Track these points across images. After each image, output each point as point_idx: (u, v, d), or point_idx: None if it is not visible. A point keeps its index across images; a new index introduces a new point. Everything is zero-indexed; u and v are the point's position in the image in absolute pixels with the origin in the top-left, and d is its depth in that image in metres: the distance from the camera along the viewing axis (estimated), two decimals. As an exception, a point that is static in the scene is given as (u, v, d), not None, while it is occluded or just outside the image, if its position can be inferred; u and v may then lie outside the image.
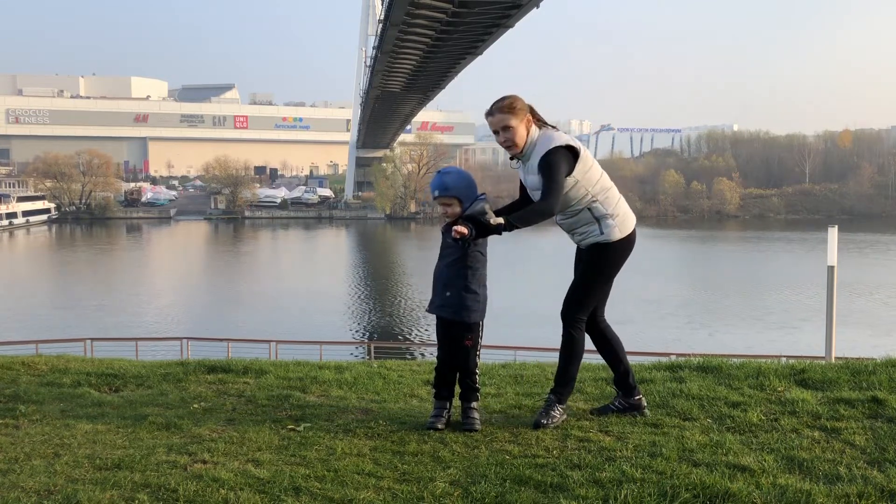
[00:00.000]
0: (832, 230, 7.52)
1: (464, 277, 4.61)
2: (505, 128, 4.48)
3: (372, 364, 6.67)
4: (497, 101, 4.54)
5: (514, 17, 46.03)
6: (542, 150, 4.42)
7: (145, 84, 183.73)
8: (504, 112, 4.47)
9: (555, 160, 4.38)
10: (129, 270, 63.13)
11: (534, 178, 4.49)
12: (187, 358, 12.69)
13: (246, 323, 37.58)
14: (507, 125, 4.47)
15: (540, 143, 4.47)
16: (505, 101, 4.51)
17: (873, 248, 75.65)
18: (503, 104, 4.50)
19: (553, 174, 4.36)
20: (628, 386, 4.76)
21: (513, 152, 4.57)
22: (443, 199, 4.58)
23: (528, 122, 4.51)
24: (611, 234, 4.59)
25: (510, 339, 27.83)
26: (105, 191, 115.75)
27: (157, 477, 3.70)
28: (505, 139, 4.51)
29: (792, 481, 3.47)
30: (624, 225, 4.64)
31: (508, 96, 4.54)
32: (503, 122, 4.47)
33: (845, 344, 20.25)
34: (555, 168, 4.37)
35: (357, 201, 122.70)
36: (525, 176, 4.61)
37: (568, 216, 4.63)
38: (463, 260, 4.60)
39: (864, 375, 5.31)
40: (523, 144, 4.51)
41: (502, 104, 4.50)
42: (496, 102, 4.53)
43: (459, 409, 4.69)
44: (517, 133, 4.48)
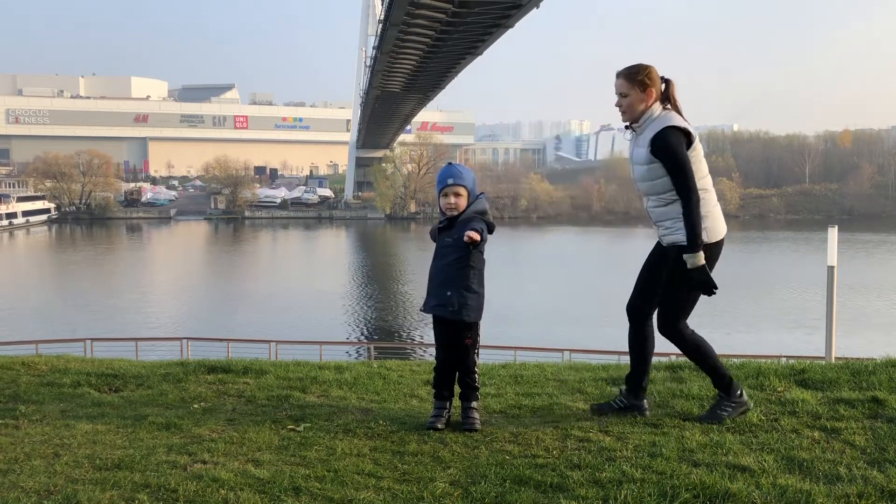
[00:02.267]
0: (832, 230, 7.52)
1: (466, 277, 4.60)
2: (622, 94, 4.50)
3: (372, 364, 6.67)
4: (630, 66, 4.55)
5: (514, 17, 45.99)
6: (656, 126, 4.40)
7: (145, 84, 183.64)
8: (625, 78, 4.49)
9: (672, 141, 4.35)
10: (129, 270, 63.12)
11: (641, 151, 4.46)
12: (187, 358, 12.69)
13: (246, 323, 37.56)
14: (623, 92, 4.49)
15: (658, 120, 4.44)
16: (631, 69, 4.52)
17: (873, 249, 75.65)
18: (628, 70, 4.52)
19: (677, 160, 4.34)
20: (639, 388, 4.72)
21: (623, 119, 4.57)
22: (456, 186, 4.59)
23: (651, 95, 4.47)
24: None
25: (510, 339, 27.83)
26: (105, 191, 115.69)
27: (157, 477, 3.70)
28: (619, 104, 4.53)
29: (792, 481, 3.47)
30: (712, 231, 4.51)
31: (639, 65, 4.53)
32: (620, 87, 4.51)
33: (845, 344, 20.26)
34: (675, 152, 4.35)
35: (357, 201, 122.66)
36: (634, 149, 4.57)
37: (659, 203, 4.53)
38: (465, 259, 4.58)
39: (864, 375, 5.31)
40: (637, 116, 4.50)
41: (627, 70, 4.52)
42: (627, 67, 4.55)
43: (459, 409, 4.68)
44: (632, 102, 4.48)
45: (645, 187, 4.56)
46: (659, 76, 4.51)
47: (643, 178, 4.54)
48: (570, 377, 5.78)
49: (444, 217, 4.69)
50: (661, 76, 4.52)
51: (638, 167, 4.53)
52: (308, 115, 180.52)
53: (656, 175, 4.46)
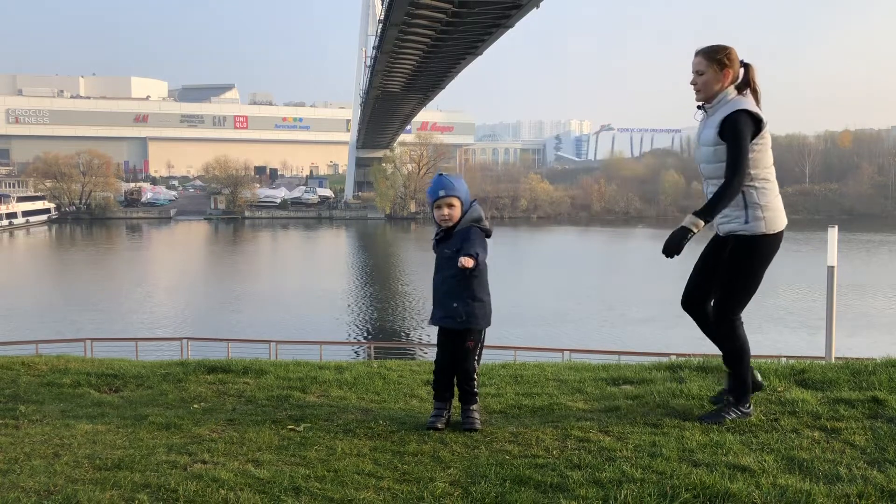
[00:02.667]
0: (832, 230, 7.51)
1: (470, 287, 4.58)
2: (698, 71, 4.49)
3: (372, 364, 6.66)
4: (712, 45, 4.54)
5: (514, 17, 46.02)
6: (727, 109, 4.37)
7: (145, 84, 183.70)
8: (703, 56, 4.48)
9: (740, 125, 4.31)
10: (129, 271, 63.11)
11: (710, 132, 4.42)
12: (187, 358, 12.69)
13: (246, 323, 37.57)
14: (700, 70, 4.48)
15: (731, 103, 4.40)
16: (711, 47, 4.51)
17: (875, 249, 75.64)
18: (708, 49, 4.50)
19: (738, 141, 4.30)
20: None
21: (697, 98, 4.54)
22: (449, 198, 4.55)
23: (728, 76, 4.44)
24: (756, 227, 4.43)
25: (510, 339, 27.83)
26: (105, 191, 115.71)
27: (157, 477, 3.70)
28: (694, 82, 4.51)
29: (792, 481, 3.47)
30: (772, 223, 4.48)
31: (720, 45, 4.51)
32: (698, 65, 4.49)
33: (845, 344, 20.25)
34: (740, 134, 4.30)
35: (357, 201, 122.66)
36: (702, 130, 4.55)
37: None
38: (466, 270, 4.51)
39: (864, 375, 5.31)
40: (711, 95, 4.47)
41: (707, 49, 4.50)
42: (707, 45, 4.55)
43: (459, 410, 4.69)
44: (707, 81, 4.45)
45: (708, 170, 4.51)
46: (739, 59, 4.48)
47: (707, 160, 4.50)
48: (570, 377, 5.78)
49: (441, 228, 4.65)
50: (741, 60, 4.49)
51: (704, 148, 4.50)
52: (308, 115, 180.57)
53: (721, 158, 4.39)
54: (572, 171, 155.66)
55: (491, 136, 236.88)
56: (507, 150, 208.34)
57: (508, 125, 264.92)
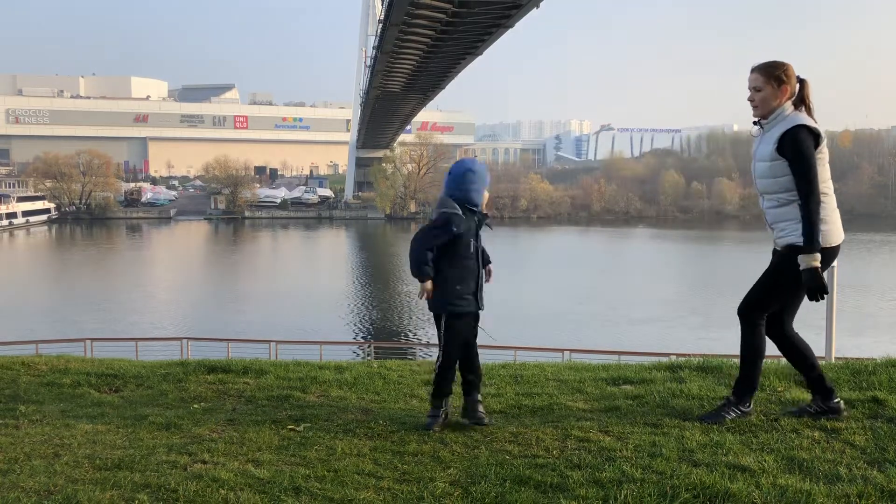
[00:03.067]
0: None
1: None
2: (755, 88, 4.50)
3: (372, 364, 6.67)
4: (768, 61, 4.54)
5: (514, 17, 46.02)
6: (786, 124, 4.38)
7: (145, 84, 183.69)
8: (761, 73, 4.50)
9: (802, 140, 4.33)
10: (129, 270, 63.10)
11: (767, 147, 4.44)
12: (187, 358, 12.68)
13: (246, 323, 37.57)
14: (758, 86, 4.49)
15: (789, 118, 4.42)
16: (769, 64, 4.52)
17: (876, 249, 75.66)
18: (765, 65, 4.51)
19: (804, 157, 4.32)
20: (825, 389, 4.59)
21: (755, 114, 4.56)
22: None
23: (786, 92, 4.45)
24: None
25: (510, 339, 27.83)
26: (105, 191, 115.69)
27: (157, 477, 3.70)
28: (751, 98, 4.53)
29: (792, 481, 3.47)
30: (827, 236, 4.41)
31: (777, 61, 4.53)
32: (755, 82, 4.51)
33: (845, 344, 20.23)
34: (804, 150, 4.33)
35: (357, 201, 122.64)
36: (758, 145, 4.56)
37: (777, 204, 4.48)
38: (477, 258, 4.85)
39: (864, 375, 5.31)
40: (768, 111, 4.48)
41: (765, 65, 4.52)
42: (763, 62, 4.55)
43: (463, 407, 4.64)
44: (765, 97, 4.47)
45: (764, 185, 4.52)
46: (795, 75, 4.50)
47: (763, 175, 4.50)
48: (570, 377, 5.78)
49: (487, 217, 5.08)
50: (797, 76, 4.51)
51: (760, 164, 4.51)
52: (308, 115, 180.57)
53: (777, 173, 4.42)
54: (572, 171, 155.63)
55: (491, 136, 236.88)
56: (507, 150, 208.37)
57: (508, 125, 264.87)
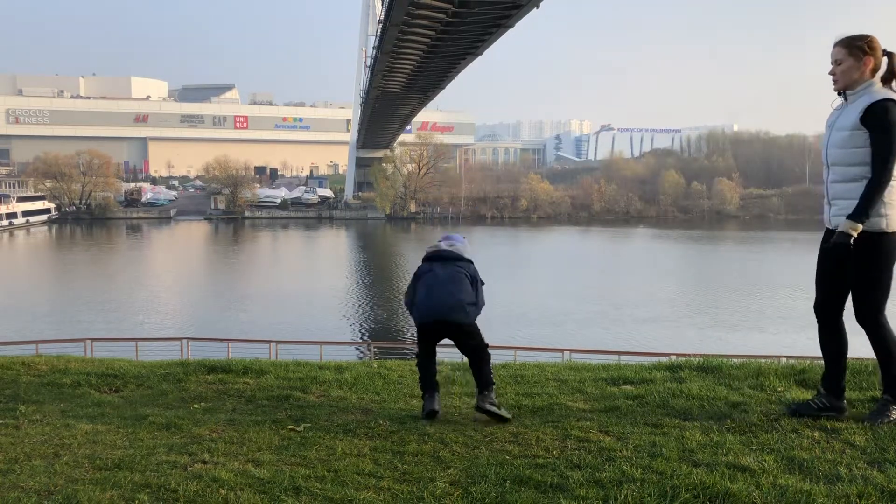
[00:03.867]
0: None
1: None
2: (837, 61, 4.39)
3: (372, 364, 6.67)
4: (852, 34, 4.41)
5: (514, 17, 46.02)
6: (876, 96, 4.23)
7: (145, 84, 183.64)
8: (842, 45, 4.38)
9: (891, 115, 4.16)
10: (129, 270, 63.10)
11: (850, 115, 4.28)
12: (187, 358, 12.69)
13: (246, 323, 37.56)
14: (839, 59, 4.38)
15: (877, 92, 4.26)
16: (850, 36, 4.40)
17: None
18: (847, 38, 4.39)
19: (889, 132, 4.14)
20: (838, 388, 4.57)
21: (835, 87, 4.43)
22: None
23: (868, 63, 4.31)
24: (876, 224, 4.24)
25: (510, 340, 27.85)
26: (105, 191, 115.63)
27: (157, 477, 3.70)
28: (833, 72, 4.42)
29: (792, 481, 3.47)
30: (892, 218, 4.26)
31: (859, 34, 4.39)
32: (837, 55, 4.39)
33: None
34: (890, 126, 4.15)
35: (357, 201, 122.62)
36: (838, 115, 4.41)
37: (843, 178, 4.33)
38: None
39: (864, 375, 5.31)
40: (851, 83, 4.34)
41: (846, 38, 4.40)
42: (849, 35, 4.41)
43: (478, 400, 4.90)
44: (845, 69, 4.34)
45: (836, 155, 4.37)
46: (881, 47, 4.35)
47: (838, 145, 4.35)
48: (570, 377, 5.78)
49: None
50: (883, 49, 4.36)
51: (837, 132, 4.37)
52: (308, 115, 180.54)
53: (855, 144, 4.26)
54: (572, 171, 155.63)
55: (491, 136, 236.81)
56: (507, 150, 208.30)
57: (508, 125, 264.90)
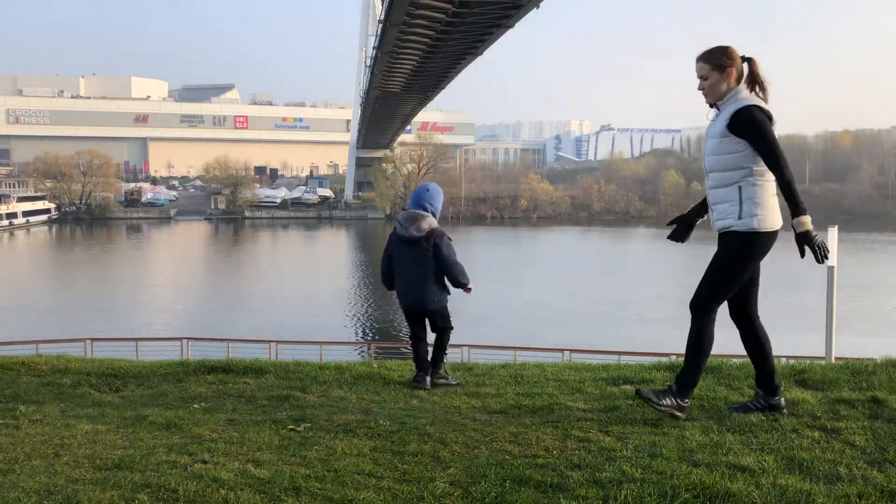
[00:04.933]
0: (832, 230, 7.50)
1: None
2: (703, 76, 4.51)
3: (372, 364, 6.67)
4: (711, 48, 4.54)
5: (514, 17, 46.03)
6: (740, 103, 4.37)
7: (145, 84, 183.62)
8: (704, 61, 4.50)
9: (756, 117, 4.31)
10: (129, 270, 63.10)
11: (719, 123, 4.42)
12: (187, 358, 12.69)
13: (246, 323, 37.56)
14: (704, 75, 4.50)
15: (741, 99, 4.40)
16: (709, 51, 4.51)
17: (881, 248, 75.65)
18: (707, 53, 4.51)
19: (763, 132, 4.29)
20: (772, 386, 4.66)
21: (707, 101, 4.57)
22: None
23: (731, 74, 4.44)
24: (749, 223, 4.40)
25: (510, 339, 27.83)
26: (105, 191, 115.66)
27: (157, 477, 3.70)
28: (701, 87, 4.54)
29: (792, 481, 3.47)
30: (766, 221, 4.42)
31: (718, 46, 4.52)
32: (701, 71, 4.52)
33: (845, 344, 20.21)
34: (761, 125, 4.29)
35: (357, 201, 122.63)
36: (711, 125, 4.56)
37: (720, 184, 4.49)
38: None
39: (864, 376, 5.31)
40: (720, 96, 4.48)
41: (706, 53, 4.51)
42: (708, 49, 4.53)
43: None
44: (713, 84, 4.48)
45: (711, 162, 4.54)
46: (739, 56, 4.49)
47: (713, 152, 4.51)
48: (570, 377, 5.78)
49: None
50: (741, 55, 4.50)
51: (711, 140, 4.52)
52: (308, 115, 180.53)
53: (726, 150, 4.42)
54: (572, 171, 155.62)
55: (491, 136, 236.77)
56: (507, 150, 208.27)
57: (508, 125, 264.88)
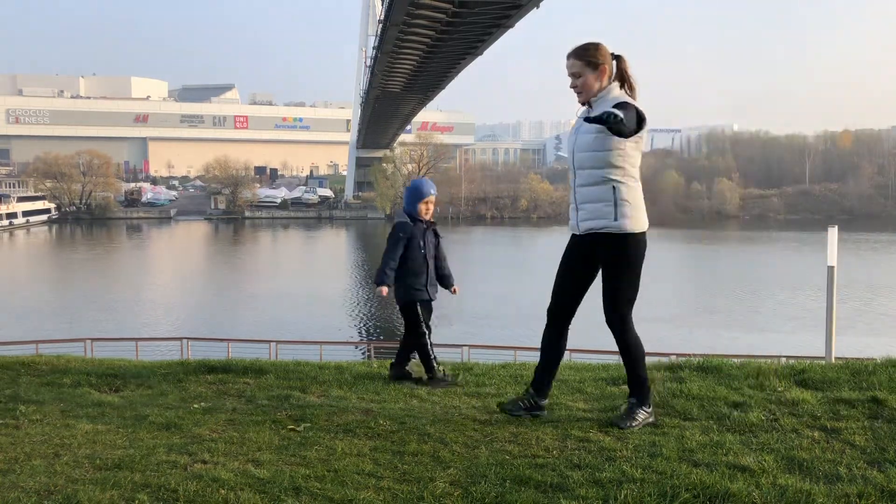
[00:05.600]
0: (832, 230, 7.50)
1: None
2: (575, 74, 4.41)
3: (372, 364, 6.67)
4: (580, 45, 4.45)
5: (514, 17, 46.06)
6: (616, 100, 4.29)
7: (145, 84, 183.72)
8: (577, 58, 4.40)
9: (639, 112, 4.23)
10: (129, 270, 63.12)
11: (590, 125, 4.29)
12: (187, 358, 12.69)
13: (246, 323, 37.57)
14: (576, 72, 4.40)
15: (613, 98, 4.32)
16: (581, 48, 4.42)
17: (882, 248, 75.65)
18: (579, 50, 4.41)
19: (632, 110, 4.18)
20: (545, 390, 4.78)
21: (580, 100, 4.47)
22: (434, 196, 5.89)
23: (605, 72, 4.38)
24: (623, 225, 4.35)
25: (510, 340, 27.85)
26: (105, 191, 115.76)
27: (157, 477, 3.70)
28: (574, 85, 4.44)
29: (792, 481, 3.47)
30: (638, 222, 4.39)
31: (589, 43, 4.43)
32: (573, 68, 4.41)
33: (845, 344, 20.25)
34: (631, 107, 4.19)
35: (357, 201, 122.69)
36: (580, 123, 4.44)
37: (589, 182, 4.38)
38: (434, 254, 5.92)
39: (864, 375, 5.30)
40: (592, 95, 4.40)
41: (578, 50, 4.42)
42: (577, 46, 4.44)
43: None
44: (587, 82, 4.39)
45: (581, 158, 4.39)
46: (609, 53, 4.42)
47: (584, 149, 4.38)
48: (570, 377, 5.79)
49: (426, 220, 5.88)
50: (611, 53, 4.43)
51: (583, 135, 4.38)
52: (308, 115, 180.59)
53: (599, 147, 4.30)
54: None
55: (491, 136, 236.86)
56: (507, 150, 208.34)
57: (508, 125, 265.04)
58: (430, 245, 5.86)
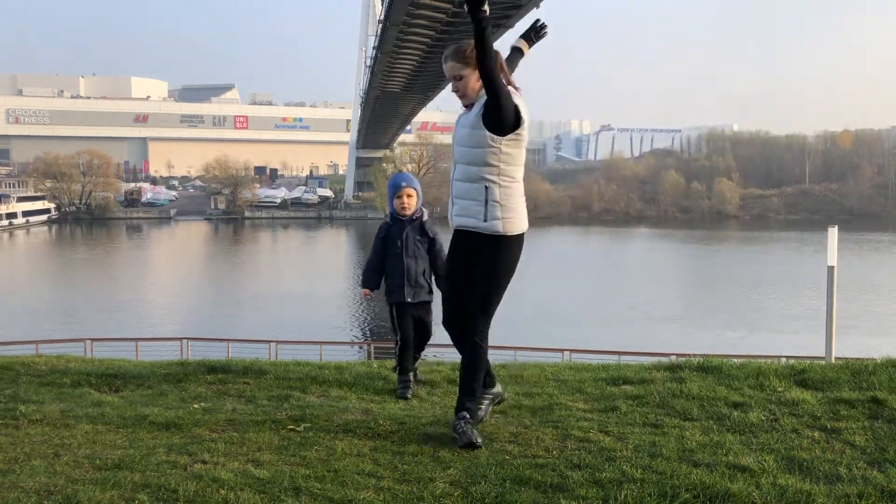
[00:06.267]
0: (832, 230, 7.51)
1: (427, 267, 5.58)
2: (457, 76, 4.20)
3: (372, 364, 6.67)
4: (454, 46, 4.23)
5: (514, 17, 45.99)
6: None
7: (145, 84, 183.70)
8: (455, 60, 4.19)
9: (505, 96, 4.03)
10: (129, 270, 63.12)
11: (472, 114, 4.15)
12: (187, 358, 12.70)
13: (246, 323, 37.57)
14: (458, 74, 4.19)
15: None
16: (457, 48, 4.20)
17: (882, 249, 75.66)
18: (456, 50, 4.20)
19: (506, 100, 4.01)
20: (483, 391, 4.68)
21: (464, 102, 4.25)
22: (408, 188, 5.47)
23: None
24: (492, 227, 4.17)
25: (510, 339, 27.82)
26: (105, 191, 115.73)
27: (157, 477, 3.70)
28: (456, 88, 4.23)
29: (792, 481, 3.47)
30: (511, 224, 4.21)
31: (463, 44, 4.20)
32: (453, 70, 4.21)
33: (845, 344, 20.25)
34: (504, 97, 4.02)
35: (357, 201, 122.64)
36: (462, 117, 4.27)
37: (464, 177, 4.22)
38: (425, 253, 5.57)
39: (864, 375, 5.30)
40: (475, 95, 4.20)
41: (455, 51, 4.21)
42: (452, 48, 4.22)
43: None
44: (467, 83, 4.19)
45: (460, 153, 4.25)
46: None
47: (462, 143, 4.22)
48: (570, 377, 5.78)
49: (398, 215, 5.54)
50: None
51: (461, 129, 4.20)
52: (308, 115, 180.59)
53: (476, 143, 4.14)
54: (572, 171, 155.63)
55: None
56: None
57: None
58: (411, 243, 5.47)
